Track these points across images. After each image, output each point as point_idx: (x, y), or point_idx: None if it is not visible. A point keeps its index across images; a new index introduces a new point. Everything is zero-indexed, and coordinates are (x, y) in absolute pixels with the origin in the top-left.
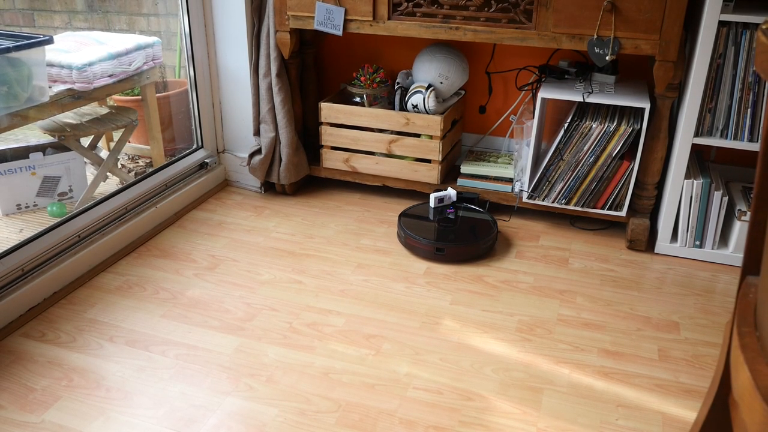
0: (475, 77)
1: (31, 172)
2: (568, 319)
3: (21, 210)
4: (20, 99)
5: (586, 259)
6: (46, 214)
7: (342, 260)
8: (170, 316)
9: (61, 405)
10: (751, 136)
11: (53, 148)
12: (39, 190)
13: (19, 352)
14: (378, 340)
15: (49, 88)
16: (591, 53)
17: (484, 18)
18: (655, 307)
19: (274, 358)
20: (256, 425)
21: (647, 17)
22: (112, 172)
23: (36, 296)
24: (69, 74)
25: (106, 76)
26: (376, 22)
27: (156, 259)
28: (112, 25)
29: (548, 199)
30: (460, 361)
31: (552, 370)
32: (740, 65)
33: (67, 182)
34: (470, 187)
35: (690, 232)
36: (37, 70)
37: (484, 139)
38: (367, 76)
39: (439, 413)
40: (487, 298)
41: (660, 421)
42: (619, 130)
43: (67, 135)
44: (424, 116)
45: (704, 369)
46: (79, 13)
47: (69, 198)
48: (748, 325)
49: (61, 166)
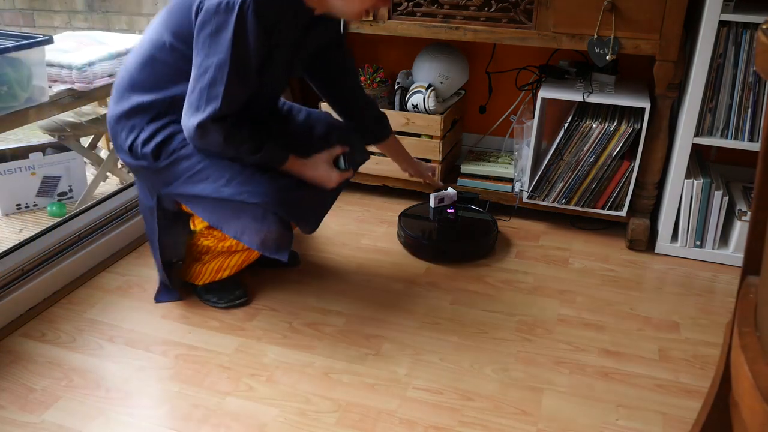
0: (475, 77)
1: (31, 172)
2: (568, 319)
3: (21, 210)
4: (20, 99)
5: (586, 259)
6: (46, 214)
7: (342, 260)
8: (170, 316)
9: (61, 405)
10: (752, 136)
11: (53, 148)
12: (39, 190)
13: (19, 352)
14: (378, 340)
15: (49, 88)
16: (591, 53)
17: (484, 18)
18: (655, 307)
19: (274, 358)
20: (256, 425)
21: (647, 17)
22: (112, 172)
23: (36, 296)
24: (69, 74)
25: (106, 76)
26: (376, 22)
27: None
28: (112, 25)
29: (548, 199)
30: (460, 361)
31: (552, 370)
32: (740, 65)
33: (67, 182)
34: (470, 187)
35: (690, 232)
36: (37, 70)
37: (484, 139)
38: (367, 76)
39: (439, 413)
40: (487, 298)
41: (660, 421)
42: (619, 130)
43: (67, 135)
44: (424, 116)
45: (704, 369)
46: (79, 13)
47: (69, 198)
48: (749, 325)
49: (61, 166)
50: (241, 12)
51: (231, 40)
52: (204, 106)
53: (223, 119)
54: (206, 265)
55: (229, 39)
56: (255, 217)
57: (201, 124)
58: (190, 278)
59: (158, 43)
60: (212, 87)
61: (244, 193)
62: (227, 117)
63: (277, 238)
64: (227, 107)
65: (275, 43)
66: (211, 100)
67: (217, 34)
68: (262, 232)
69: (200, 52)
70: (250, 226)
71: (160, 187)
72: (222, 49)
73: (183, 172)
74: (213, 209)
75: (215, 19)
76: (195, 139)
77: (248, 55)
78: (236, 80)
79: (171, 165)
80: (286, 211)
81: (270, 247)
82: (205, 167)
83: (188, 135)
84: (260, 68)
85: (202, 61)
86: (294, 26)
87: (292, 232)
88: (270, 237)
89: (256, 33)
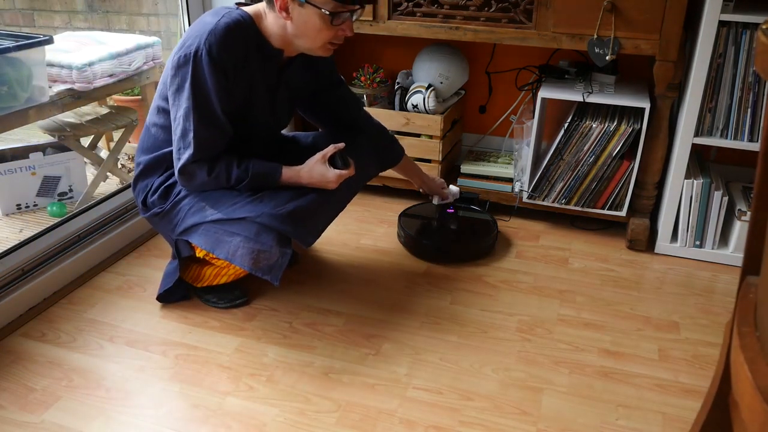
0: (475, 77)
1: (31, 172)
2: (568, 319)
3: (21, 210)
4: (20, 99)
5: (586, 259)
6: (46, 214)
7: (342, 260)
8: (170, 316)
9: (61, 405)
10: (751, 136)
11: (53, 148)
12: (39, 190)
13: (19, 352)
14: (378, 340)
15: (49, 88)
16: (591, 53)
17: (484, 18)
18: (655, 307)
19: (274, 358)
20: (256, 425)
21: (647, 17)
22: (112, 172)
23: (36, 296)
24: (69, 74)
25: (106, 75)
26: (376, 22)
27: (156, 259)
28: (112, 25)
29: (548, 199)
30: (459, 360)
31: (552, 370)
32: (740, 65)
33: (67, 182)
34: (470, 187)
35: (690, 232)
36: (37, 70)
37: (484, 139)
38: (367, 76)
39: (439, 413)
40: (487, 298)
41: (660, 421)
42: (619, 129)
43: (67, 135)
44: (424, 116)
45: (704, 369)
46: (79, 13)
47: (69, 198)
48: (748, 325)
49: (61, 166)
50: (195, 60)
51: (190, 90)
52: (181, 154)
53: (202, 161)
54: (206, 269)
55: (189, 89)
56: (248, 237)
57: (181, 170)
58: (189, 279)
59: (153, 109)
60: (184, 136)
61: (238, 211)
62: (210, 158)
63: (271, 257)
64: (201, 152)
65: (247, 84)
66: (186, 148)
67: (181, 87)
68: (255, 251)
69: (172, 107)
70: (243, 245)
71: (171, 232)
72: (185, 99)
73: (184, 208)
74: (207, 233)
75: (179, 73)
76: (184, 184)
77: (209, 100)
78: (202, 126)
79: (175, 205)
80: (280, 223)
81: (262, 267)
82: (203, 198)
83: (180, 183)
84: (240, 110)
85: (175, 114)
86: (263, 66)
87: (289, 251)
88: (263, 257)
89: (214, 77)
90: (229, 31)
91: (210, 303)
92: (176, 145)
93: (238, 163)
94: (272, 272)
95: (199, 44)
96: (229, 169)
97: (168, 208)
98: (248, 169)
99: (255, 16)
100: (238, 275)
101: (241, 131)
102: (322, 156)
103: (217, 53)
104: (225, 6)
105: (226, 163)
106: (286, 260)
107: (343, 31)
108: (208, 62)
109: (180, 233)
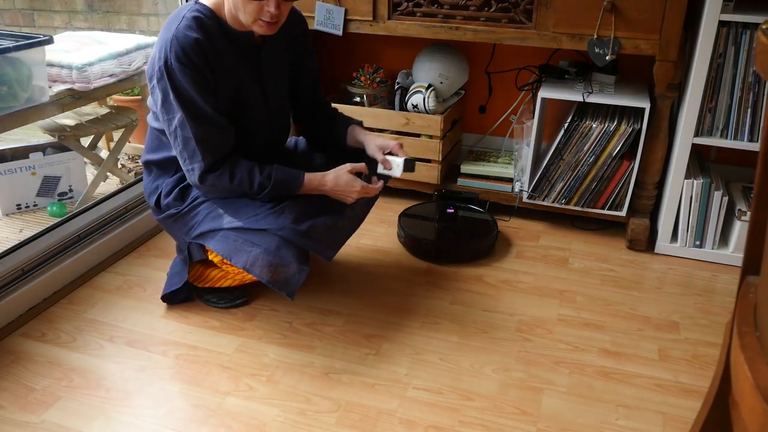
0: (475, 77)
1: (31, 172)
2: (568, 319)
3: (21, 210)
4: (20, 99)
5: (586, 259)
6: (46, 214)
7: (342, 260)
8: (170, 316)
9: (61, 405)
10: (751, 136)
11: (53, 148)
12: (39, 190)
13: (19, 352)
14: (378, 340)
15: (49, 88)
16: (591, 53)
17: (484, 18)
18: (655, 307)
19: (274, 358)
20: (256, 425)
21: (647, 17)
22: (112, 172)
23: (36, 296)
24: (69, 74)
25: (106, 75)
26: (376, 22)
27: (156, 259)
28: (112, 25)
29: (548, 199)
30: (459, 361)
31: (552, 370)
32: (740, 65)
33: (67, 182)
34: (470, 187)
35: (690, 232)
36: (37, 70)
37: (484, 139)
38: (367, 76)
39: (439, 413)
40: (487, 298)
41: (660, 421)
42: (619, 129)
43: (67, 135)
44: (424, 116)
45: (704, 369)
46: (79, 13)
47: (69, 198)
48: (748, 325)
49: (61, 166)
50: (168, 71)
51: (176, 99)
52: (191, 165)
53: (215, 165)
54: (210, 271)
55: (174, 98)
56: (268, 250)
57: (200, 179)
58: (190, 278)
59: (151, 114)
60: (186, 146)
61: (261, 222)
62: (219, 160)
63: (288, 272)
64: (210, 155)
65: (232, 74)
66: (194, 157)
67: (166, 99)
68: (274, 264)
69: (164, 122)
70: (262, 258)
71: (185, 235)
72: (174, 110)
73: (202, 212)
74: (226, 240)
75: (159, 87)
76: (205, 192)
77: (197, 104)
78: (199, 128)
79: (192, 209)
80: (301, 237)
81: (279, 281)
82: (223, 205)
83: (200, 191)
84: (234, 104)
85: (169, 128)
86: (240, 52)
87: (307, 268)
88: (281, 271)
89: (192, 80)
90: (190, 32)
91: (210, 303)
92: (181, 157)
93: (260, 168)
94: (288, 287)
95: (166, 55)
96: (251, 175)
97: (184, 211)
98: (271, 175)
99: (215, 5)
100: (245, 281)
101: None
102: (352, 167)
103: (185, 58)
104: (185, 4)
105: (248, 169)
106: (303, 276)
107: (268, 7)
108: (180, 69)
109: (195, 237)
